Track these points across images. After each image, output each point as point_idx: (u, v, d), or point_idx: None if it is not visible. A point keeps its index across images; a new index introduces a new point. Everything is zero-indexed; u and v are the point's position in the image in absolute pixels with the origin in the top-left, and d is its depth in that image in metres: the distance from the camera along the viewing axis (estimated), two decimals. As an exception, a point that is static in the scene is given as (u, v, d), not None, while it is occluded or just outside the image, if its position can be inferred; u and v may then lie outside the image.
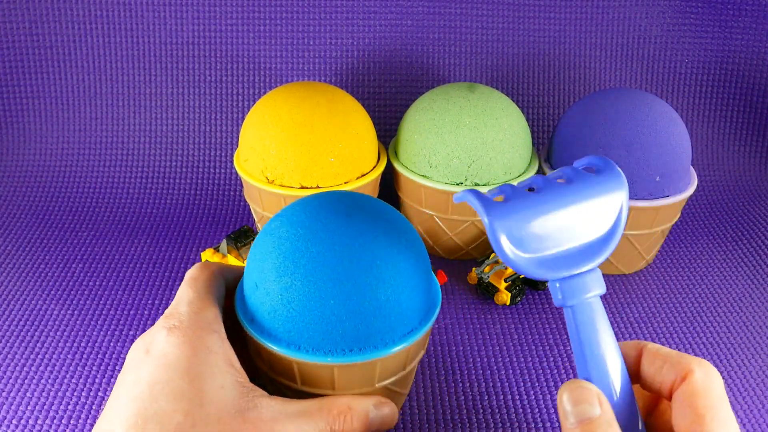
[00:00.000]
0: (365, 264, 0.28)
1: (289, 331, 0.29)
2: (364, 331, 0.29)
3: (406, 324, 0.30)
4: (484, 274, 0.45)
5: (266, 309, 0.29)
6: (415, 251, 0.31)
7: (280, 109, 0.45)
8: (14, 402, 0.36)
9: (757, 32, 0.63)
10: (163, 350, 0.27)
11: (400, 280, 0.29)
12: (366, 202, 0.31)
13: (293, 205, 0.32)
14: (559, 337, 0.42)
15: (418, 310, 0.31)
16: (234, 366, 0.28)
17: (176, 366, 0.26)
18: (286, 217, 0.31)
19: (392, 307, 0.29)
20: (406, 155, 0.48)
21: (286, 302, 0.29)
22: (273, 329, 0.29)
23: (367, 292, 0.28)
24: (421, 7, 0.59)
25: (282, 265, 0.29)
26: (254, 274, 0.30)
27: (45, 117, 0.60)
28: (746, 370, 0.40)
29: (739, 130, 0.65)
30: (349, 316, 0.28)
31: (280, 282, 0.29)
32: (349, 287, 0.28)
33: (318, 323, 0.28)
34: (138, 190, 0.58)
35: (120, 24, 0.58)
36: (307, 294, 0.28)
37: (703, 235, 0.55)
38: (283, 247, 0.29)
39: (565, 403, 0.25)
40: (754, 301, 0.46)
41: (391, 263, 0.29)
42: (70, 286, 0.46)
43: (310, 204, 0.31)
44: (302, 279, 0.28)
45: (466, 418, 0.36)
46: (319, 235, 0.29)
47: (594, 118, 0.46)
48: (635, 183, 0.44)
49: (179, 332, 0.27)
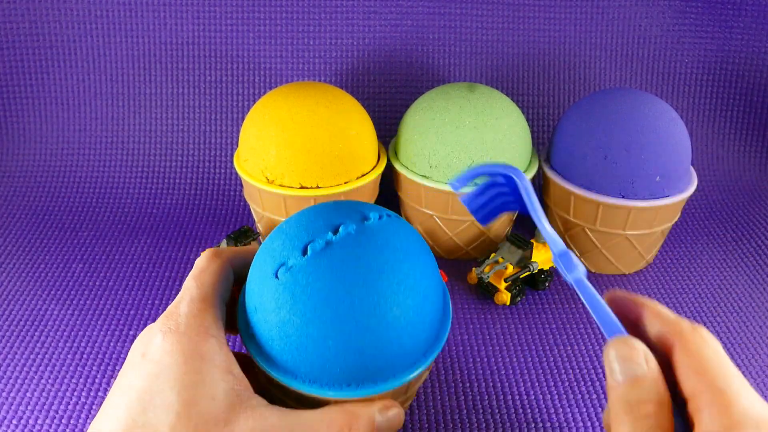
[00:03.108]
0: (369, 304, 0.27)
1: (285, 360, 0.27)
2: (363, 368, 0.27)
3: (408, 358, 0.28)
4: (484, 274, 0.45)
5: (264, 334, 0.28)
6: (425, 284, 0.28)
7: (280, 109, 0.45)
8: (14, 402, 0.36)
9: (757, 32, 0.63)
10: (156, 356, 0.26)
11: (405, 320, 0.27)
12: (379, 229, 0.29)
13: (298, 220, 0.30)
14: (559, 337, 0.42)
15: (423, 344, 0.29)
16: (232, 373, 0.27)
17: (167, 375, 0.25)
18: (288, 237, 0.29)
19: (394, 346, 0.27)
20: (406, 155, 0.48)
21: (284, 335, 0.27)
22: (270, 353, 0.28)
23: (368, 333, 0.27)
24: (421, 7, 0.59)
25: (281, 297, 0.27)
26: (254, 297, 0.29)
27: (45, 117, 0.60)
28: (746, 370, 0.40)
29: (739, 130, 0.65)
30: (348, 354, 0.27)
31: (278, 314, 0.27)
32: (350, 327, 0.26)
33: (315, 358, 0.27)
34: (138, 190, 0.58)
35: (120, 24, 0.58)
36: (306, 332, 0.27)
37: (703, 235, 0.55)
38: (284, 278, 0.27)
39: (612, 360, 0.25)
40: (754, 301, 0.46)
41: (395, 303, 0.27)
42: (70, 286, 0.46)
43: (315, 225, 0.29)
44: (300, 316, 0.27)
45: (466, 418, 0.36)
46: (321, 269, 0.27)
47: (594, 118, 0.46)
48: (635, 183, 0.44)
49: (174, 337, 0.27)
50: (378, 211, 0.30)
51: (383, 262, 0.27)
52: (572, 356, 0.41)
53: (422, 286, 0.28)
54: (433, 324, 0.29)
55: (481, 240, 0.49)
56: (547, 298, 0.46)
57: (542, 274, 0.46)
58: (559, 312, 0.45)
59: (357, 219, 0.29)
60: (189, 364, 0.26)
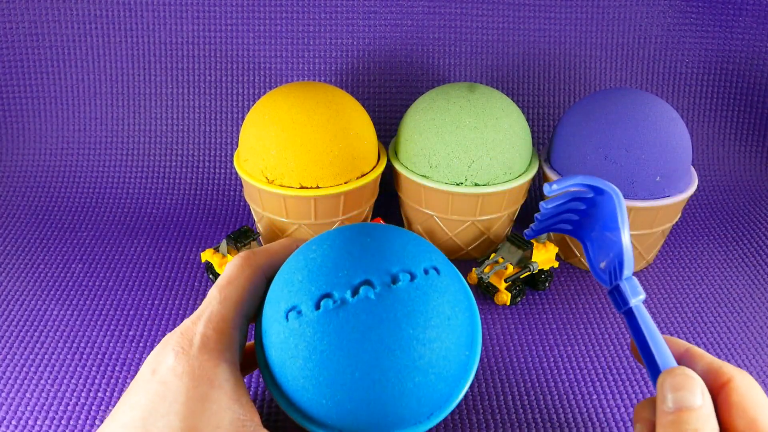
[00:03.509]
0: (371, 380, 0.25)
1: (297, 400, 0.26)
2: (376, 418, 0.26)
3: (425, 408, 0.26)
4: (484, 274, 0.45)
5: (276, 362, 0.27)
6: (443, 355, 0.26)
7: (280, 109, 0.45)
8: (14, 402, 0.36)
9: (757, 32, 0.63)
10: (165, 377, 0.25)
11: (414, 398, 0.26)
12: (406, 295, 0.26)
13: (325, 256, 0.27)
14: (559, 337, 0.42)
15: (443, 393, 0.27)
16: (239, 401, 0.26)
17: (174, 398, 0.25)
18: (308, 278, 0.27)
19: (395, 416, 0.26)
20: (406, 155, 0.48)
21: (292, 378, 0.26)
22: (282, 384, 0.27)
23: (372, 405, 0.25)
24: (421, 7, 0.59)
25: (286, 342, 0.26)
26: (266, 335, 0.27)
27: (45, 117, 0.60)
28: (746, 371, 0.40)
29: (739, 130, 0.65)
30: (361, 403, 0.25)
31: (280, 355, 0.27)
32: (351, 395, 0.25)
33: (327, 401, 0.26)
34: (138, 190, 0.58)
35: (120, 24, 0.58)
36: (320, 376, 0.25)
37: (703, 235, 0.55)
38: (293, 324, 0.26)
39: (666, 388, 0.25)
40: (754, 301, 0.46)
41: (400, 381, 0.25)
42: (70, 286, 0.46)
43: (348, 255, 0.27)
44: (302, 367, 0.26)
45: (466, 418, 0.36)
46: (330, 331, 0.25)
47: (594, 118, 0.46)
48: (635, 183, 0.44)
49: (185, 360, 0.26)
50: (419, 265, 0.27)
51: (399, 338, 0.25)
52: (572, 356, 0.41)
53: (439, 358, 0.26)
54: (448, 382, 0.27)
55: (481, 240, 0.49)
56: (547, 298, 0.46)
57: (542, 274, 0.46)
58: (559, 312, 0.45)
59: (383, 279, 0.26)
60: (197, 389, 0.25)
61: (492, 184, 0.46)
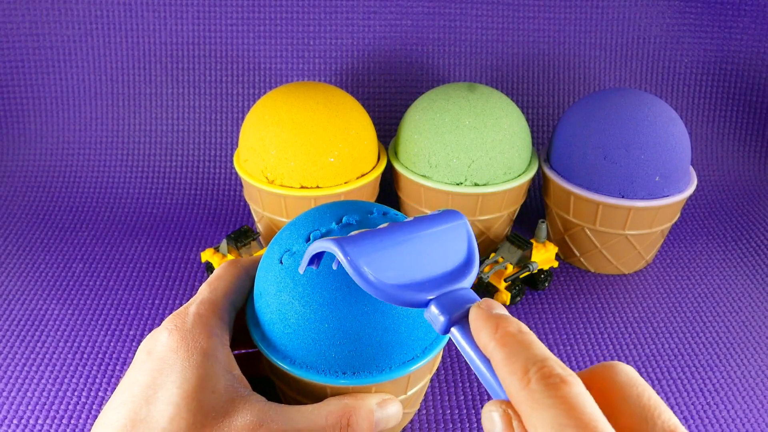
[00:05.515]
0: (364, 292, 0.27)
1: (285, 344, 0.28)
2: (358, 357, 0.28)
3: (406, 352, 0.29)
4: (484, 274, 0.45)
5: (266, 319, 0.29)
6: None
7: (280, 109, 0.45)
8: (14, 402, 0.36)
9: (757, 32, 0.63)
10: (161, 353, 0.27)
11: (401, 310, 0.28)
12: (381, 222, 0.29)
13: (308, 213, 0.31)
14: (559, 336, 0.43)
15: (421, 339, 0.29)
16: (232, 372, 0.27)
17: (170, 370, 0.26)
18: (296, 227, 0.30)
19: (390, 336, 0.28)
20: (406, 155, 0.48)
21: (283, 318, 0.28)
22: (271, 339, 0.29)
23: (363, 318, 0.27)
24: (421, 7, 0.59)
25: (282, 281, 0.28)
26: (260, 283, 0.30)
27: (45, 117, 0.60)
28: (746, 370, 0.40)
29: (739, 130, 0.65)
30: (343, 341, 0.27)
31: (278, 297, 0.28)
32: (345, 312, 0.27)
33: (312, 343, 0.28)
34: (138, 190, 0.58)
35: (120, 24, 0.58)
36: (302, 315, 0.27)
37: (702, 235, 0.55)
38: (287, 262, 0.28)
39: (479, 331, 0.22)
40: (754, 301, 0.47)
41: None
42: (70, 286, 0.46)
43: (325, 216, 0.30)
44: (299, 299, 0.28)
45: (466, 418, 0.36)
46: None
47: (594, 118, 0.46)
48: (635, 183, 0.44)
49: (179, 334, 0.27)
50: (384, 209, 0.31)
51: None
52: (572, 356, 0.41)
53: None
54: None
55: (481, 240, 0.49)
56: (547, 298, 0.46)
57: (542, 274, 0.46)
58: (559, 312, 0.45)
59: (361, 212, 0.30)
60: (191, 359, 0.26)
61: (491, 184, 0.46)
